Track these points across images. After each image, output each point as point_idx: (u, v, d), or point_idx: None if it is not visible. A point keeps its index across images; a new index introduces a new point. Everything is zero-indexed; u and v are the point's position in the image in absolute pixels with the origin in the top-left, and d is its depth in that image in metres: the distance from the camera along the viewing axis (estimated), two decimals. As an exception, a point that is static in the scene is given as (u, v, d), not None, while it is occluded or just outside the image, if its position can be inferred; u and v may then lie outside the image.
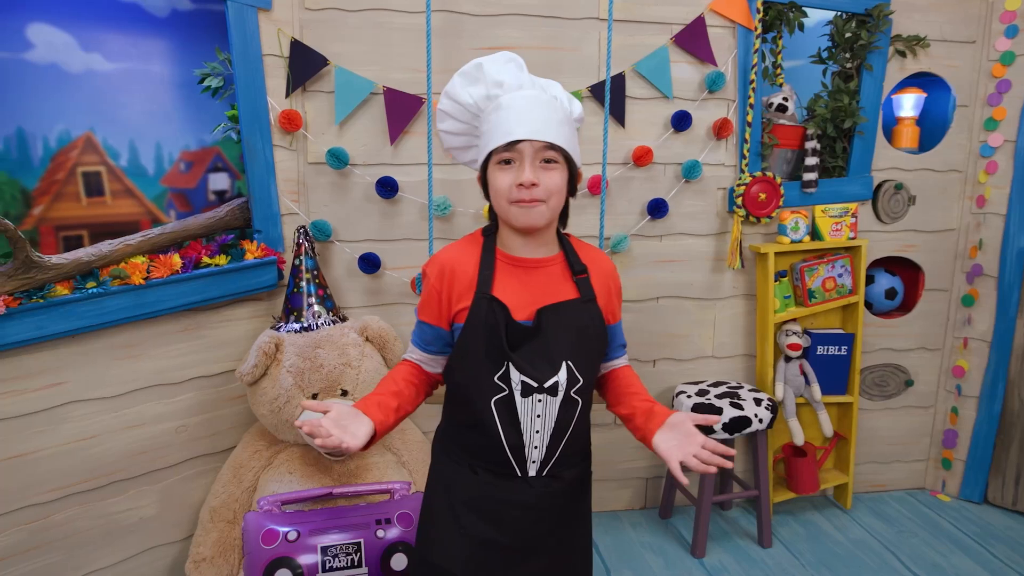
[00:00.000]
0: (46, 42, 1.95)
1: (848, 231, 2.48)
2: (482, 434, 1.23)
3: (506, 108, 1.18)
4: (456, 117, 1.27)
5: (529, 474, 1.25)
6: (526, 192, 1.16)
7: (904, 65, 2.50)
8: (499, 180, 1.19)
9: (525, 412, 1.22)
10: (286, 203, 2.18)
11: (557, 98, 1.24)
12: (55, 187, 1.99)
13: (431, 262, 1.27)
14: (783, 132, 2.46)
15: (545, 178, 1.18)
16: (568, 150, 1.20)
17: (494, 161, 1.19)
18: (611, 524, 2.56)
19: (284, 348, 1.96)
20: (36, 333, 1.70)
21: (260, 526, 1.76)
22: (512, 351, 1.20)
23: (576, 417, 1.26)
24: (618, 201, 2.39)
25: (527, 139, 1.15)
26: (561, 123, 1.20)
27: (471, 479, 1.27)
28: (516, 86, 1.21)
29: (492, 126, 1.19)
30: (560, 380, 1.22)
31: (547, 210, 1.20)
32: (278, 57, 2.09)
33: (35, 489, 1.77)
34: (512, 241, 1.26)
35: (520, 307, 1.22)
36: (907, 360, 2.72)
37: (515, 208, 1.19)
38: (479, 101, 1.23)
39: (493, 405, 1.21)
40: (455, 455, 1.30)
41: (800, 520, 2.60)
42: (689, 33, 2.30)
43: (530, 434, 1.23)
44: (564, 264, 1.29)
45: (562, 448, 1.26)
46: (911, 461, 2.82)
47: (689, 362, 2.58)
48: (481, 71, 1.21)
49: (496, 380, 1.20)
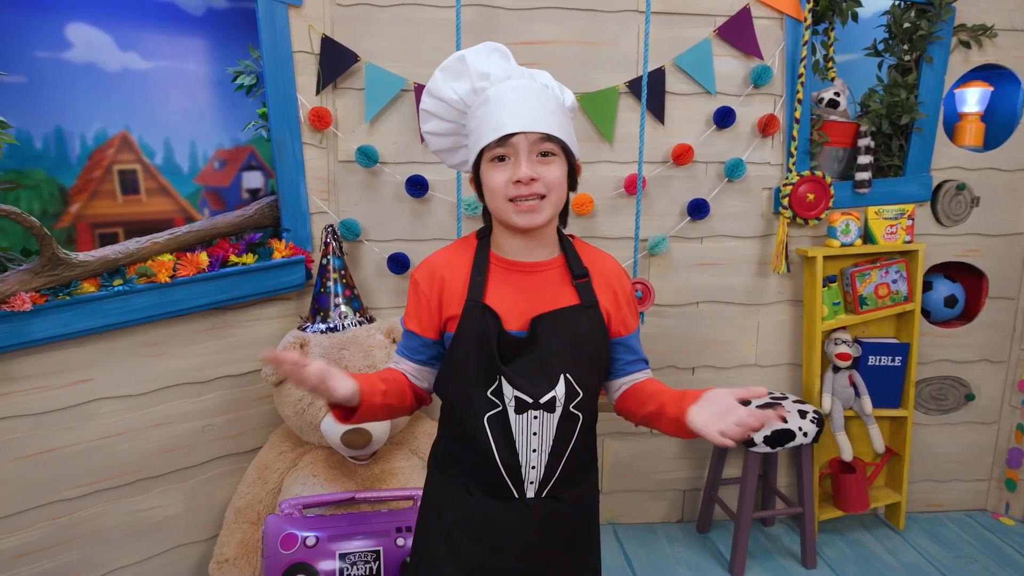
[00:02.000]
0: (84, 41, 1.97)
1: (904, 234, 2.34)
2: (476, 452, 1.15)
3: (495, 101, 1.10)
4: (441, 116, 1.18)
5: (527, 495, 1.16)
6: (525, 188, 1.08)
7: (968, 57, 2.35)
8: (494, 178, 1.11)
9: (520, 430, 1.13)
10: (315, 201, 2.16)
11: (548, 86, 1.16)
12: (92, 185, 2.01)
13: (421, 267, 1.20)
14: (834, 129, 2.34)
15: (544, 172, 1.09)
16: (565, 140, 1.12)
17: (486, 159, 1.11)
18: (646, 537, 2.47)
19: (309, 349, 1.94)
20: (63, 330, 1.70)
21: (280, 530, 1.73)
22: (505, 364, 1.12)
23: (577, 433, 1.17)
24: (656, 201, 2.31)
25: (521, 132, 1.07)
26: (555, 112, 1.12)
27: (466, 500, 1.18)
28: (503, 77, 1.12)
29: (481, 122, 1.11)
30: (558, 394, 1.13)
31: (548, 206, 1.12)
32: (308, 54, 2.08)
33: (61, 485, 1.78)
34: (508, 243, 1.18)
35: (514, 315, 1.14)
36: (968, 372, 2.56)
37: (514, 207, 1.10)
38: (465, 96, 1.14)
39: (486, 422, 1.13)
40: (449, 474, 1.22)
41: (848, 540, 2.46)
42: (733, 25, 2.21)
43: (526, 453, 1.14)
44: (564, 267, 1.20)
45: (562, 467, 1.17)
46: (971, 480, 2.65)
47: (730, 370, 2.47)
48: (464, 64, 1.12)
49: (489, 395, 1.12)
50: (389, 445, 2.02)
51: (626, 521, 2.56)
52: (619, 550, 2.39)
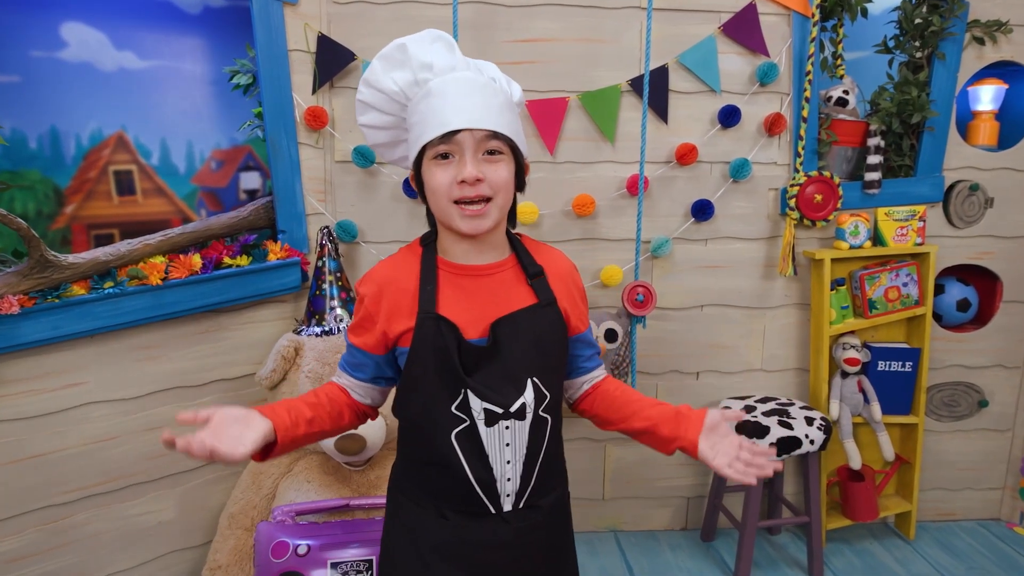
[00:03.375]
0: (79, 40, 1.96)
1: (915, 236, 2.28)
2: (445, 473, 1.09)
3: (438, 94, 1.03)
4: (379, 108, 1.11)
5: (504, 509, 1.11)
6: (470, 189, 1.02)
7: (982, 53, 2.28)
8: (436, 178, 1.04)
9: (492, 443, 1.08)
10: (312, 202, 2.13)
11: (495, 80, 1.10)
12: (87, 185, 1.99)
13: (364, 281, 1.13)
14: (843, 128, 2.28)
15: (490, 172, 1.03)
16: (513, 138, 1.06)
17: (429, 156, 1.04)
18: (648, 545, 2.42)
19: (304, 352, 1.91)
20: (53, 333, 1.68)
21: (271, 537, 1.70)
22: (468, 375, 1.06)
23: (547, 437, 1.12)
24: (659, 202, 2.26)
25: (466, 128, 1.01)
26: (503, 108, 1.06)
27: (439, 524, 1.12)
28: (447, 68, 1.06)
29: (423, 116, 1.04)
30: (527, 400, 1.08)
31: (495, 210, 1.05)
32: (304, 52, 2.05)
33: (53, 490, 1.76)
34: (455, 247, 1.11)
35: (471, 323, 1.08)
36: (981, 378, 2.49)
37: (458, 210, 1.04)
38: (405, 88, 1.07)
39: (454, 439, 1.07)
40: (416, 497, 1.15)
41: (856, 550, 2.40)
42: (739, 21, 2.16)
43: (500, 466, 1.09)
44: (517, 267, 1.14)
45: (536, 474, 1.12)
46: (984, 489, 2.58)
47: (735, 375, 2.42)
48: (405, 53, 1.05)
49: (454, 411, 1.07)
50: (385, 450, 1.99)
51: (628, 528, 2.51)
52: (621, 558, 2.34)
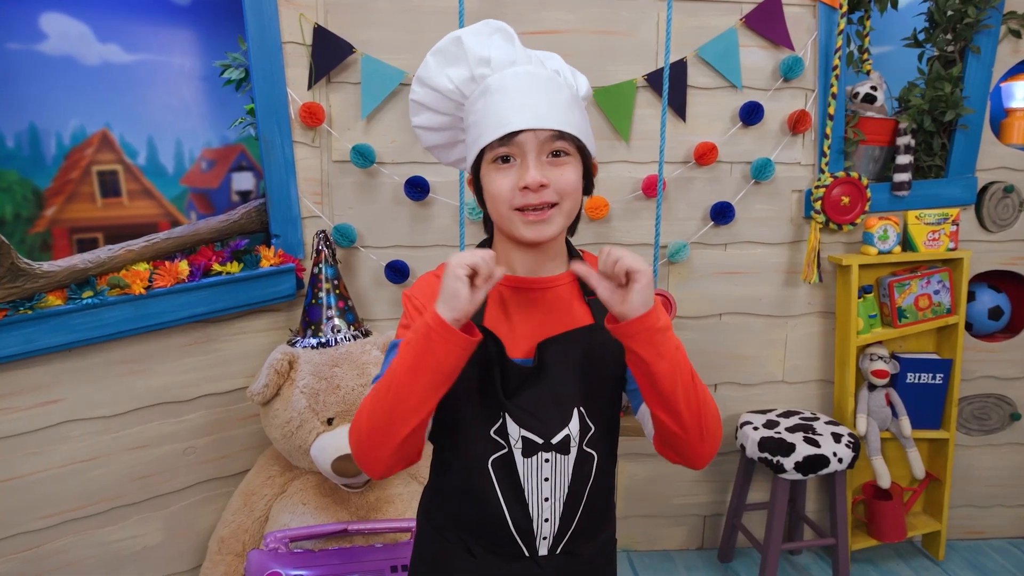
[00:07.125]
0: (60, 32, 1.88)
1: (947, 241, 2.17)
2: (478, 504, 0.99)
3: (497, 91, 0.94)
4: (434, 108, 1.02)
5: (539, 553, 1.00)
6: (533, 196, 0.92)
7: (1018, 47, 2.18)
8: (497, 183, 0.94)
9: (529, 476, 0.97)
10: (307, 205, 2.03)
11: (559, 73, 0.99)
12: (69, 187, 1.92)
13: (419, 285, 1.03)
14: (870, 126, 2.19)
15: (555, 176, 0.93)
16: (580, 137, 0.95)
17: (488, 159, 0.95)
18: (662, 565, 2.31)
19: (299, 366, 1.79)
20: (25, 347, 1.57)
21: (263, 567, 1.59)
22: (509, 398, 0.96)
23: (594, 476, 1.01)
24: (677, 205, 2.16)
25: (528, 129, 0.91)
26: (569, 105, 0.95)
27: (468, 563, 1.02)
28: (507, 62, 0.95)
29: (481, 116, 0.95)
30: (572, 432, 0.97)
31: (560, 216, 0.95)
32: (299, 45, 1.95)
33: (27, 515, 1.67)
34: (512, 258, 1.01)
35: (519, 340, 0.98)
36: (1013, 390, 2.39)
37: (520, 217, 0.94)
38: (461, 85, 0.97)
39: (490, 466, 0.97)
40: (445, 530, 1.06)
41: (882, 571, 2.28)
42: (762, 13, 2.06)
43: (538, 503, 0.98)
44: (574, 283, 1.03)
45: (579, 518, 1.01)
46: (1016, 506, 2.48)
47: (756, 387, 2.31)
48: (461, 46, 0.96)
49: (492, 435, 0.97)
50: (385, 470, 1.88)
51: (642, 548, 2.40)
52: (635, 581, 2.23)
